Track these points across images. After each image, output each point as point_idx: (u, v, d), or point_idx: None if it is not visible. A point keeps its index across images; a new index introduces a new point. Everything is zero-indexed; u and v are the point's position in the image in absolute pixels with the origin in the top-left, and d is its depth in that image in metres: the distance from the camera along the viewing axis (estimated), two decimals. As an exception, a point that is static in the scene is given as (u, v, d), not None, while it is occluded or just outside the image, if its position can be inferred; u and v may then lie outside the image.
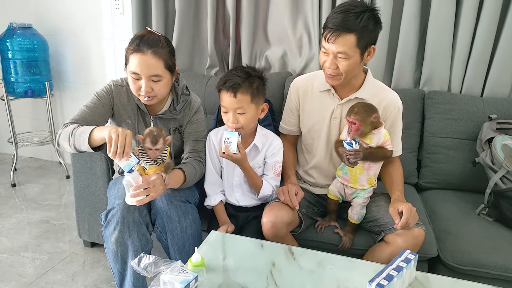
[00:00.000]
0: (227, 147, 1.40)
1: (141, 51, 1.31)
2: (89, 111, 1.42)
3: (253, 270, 1.15)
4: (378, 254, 1.38)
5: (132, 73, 1.34)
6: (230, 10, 2.22)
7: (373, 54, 1.40)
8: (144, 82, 1.33)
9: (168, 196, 1.38)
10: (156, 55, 1.32)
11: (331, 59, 1.36)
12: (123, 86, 1.48)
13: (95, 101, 1.44)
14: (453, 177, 1.87)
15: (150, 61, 1.32)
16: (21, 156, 3.16)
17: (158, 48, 1.33)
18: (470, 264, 1.40)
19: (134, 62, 1.33)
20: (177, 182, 1.39)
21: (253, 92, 1.40)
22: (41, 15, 2.72)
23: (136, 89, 1.37)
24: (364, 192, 1.44)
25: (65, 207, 2.43)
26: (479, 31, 1.91)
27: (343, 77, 1.38)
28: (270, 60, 2.30)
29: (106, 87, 1.48)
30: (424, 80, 2.06)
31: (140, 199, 1.23)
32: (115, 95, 1.47)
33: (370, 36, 1.34)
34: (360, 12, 1.30)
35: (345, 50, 1.31)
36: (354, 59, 1.34)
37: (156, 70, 1.33)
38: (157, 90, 1.36)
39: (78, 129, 1.32)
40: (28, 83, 2.60)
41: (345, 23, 1.29)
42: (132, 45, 1.34)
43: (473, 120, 1.85)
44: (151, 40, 1.33)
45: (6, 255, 1.92)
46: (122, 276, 1.37)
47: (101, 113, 1.44)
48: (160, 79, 1.35)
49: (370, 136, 1.37)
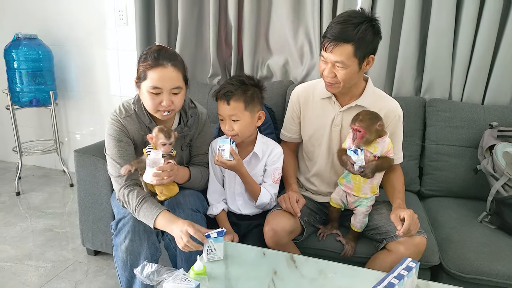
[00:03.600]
0: (221, 154, 1.42)
1: (162, 65, 1.31)
2: (119, 161, 1.38)
3: (255, 278, 1.16)
4: (380, 262, 1.38)
5: (153, 88, 1.31)
6: (232, 20, 2.25)
7: (372, 64, 1.41)
8: (166, 95, 1.33)
9: (180, 205, 1.41)
10: (176, 68, 1.34)
11: (330, 68, 1.38)
12: (130, 115, 1.42)
13: (118, 145, 1.39)
14: (455, 184, 1.88)
15: (171, 74, 1.33)
16: (26, 165, 3.18)
17: (176, 61, 1.35)
18: (473, 272, 1.40)
19: (155, 77, 1.31)
20: (183, 177, 1.44)
21: (246, 99, 1.42)
22: (46, 26, 2.77)
23: (155, 105, 1.34)
24: (367, 200, 1.45)
25: (68, 215, 2.45)
26: (479, 38, 1.93)
27: (342, 85, 1.40)
28: (272, 69, 2.32)
29: (115, 124, 1.40)
30: (425, 88, 2.07)
31: (160, 179, 1.28)
32: (128, 130, 1.41)
33: (368, 47, 1.36)
34: (358, 23, 1.32)
35: (342, 59, 1.34)
36: (352, 68, 1.36)
37: (177, 82, 1.35)
38: (176, 102, 1.36)
39: (141, 209, 1.31)
40: (33, 93, 2.63)
41: (342, 34, 1.31)
42: (149, 60, 1.32)
43: (474, 128, 1.85)
44: (168, 54, 1.35)
45: (10, 263, 1.94)
46: (130, 284, 1.38)
47: (129, 150, 1.41)
48: (180, 91, 1.36)
49: (374, 145, 1.38)
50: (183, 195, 1.45)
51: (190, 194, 1.47)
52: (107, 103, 2.82)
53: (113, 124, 1.40)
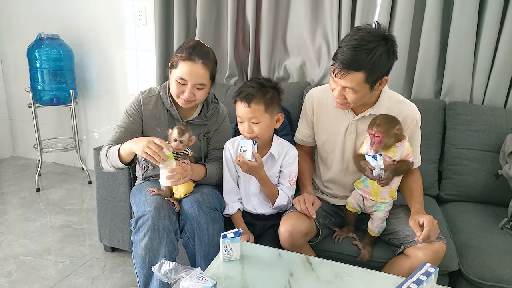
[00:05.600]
0: (242, 155, 1.42)
1: (193, 60, 1.42)
2: (121, 131, 1.54)
3: (271, 279, 1.16)
4: (397, 267, 1.36)
5: (180, 78, 1.44)
6: (250, 21, 2.25)
7: (386, 83, 1.37)
8: (189, 88, 1.44)
9: (199, 203, 1.43)
10: (205, 66, 1.44)
11: (339, 91, 1.34)
12: (151, 96, 1.57)
13: (126, 120, 1.55)
14: (475, 189, 1.84)
15: (199, 71, 1.43)
16: (45, 162, 3.26)
17: (207, 60, 1.44)
18: (493, 280, 1.36)
19: (183, 69, 1.43)
20: (198, 176, 1.51)
21: (266, 102, 1.43)
22: (68, 26, 2.83)
23: (178, 92, 1.47)
24: (385, 205, 1.43)
25: (86, 212, 2.50)
26: (502, 40, 1.88)
27: (352, 106, 1.39)
28: (289, 70, 2.31)
29: (134, 101, 1.56)
30: (445, 91, 2.03)
31: (174, 181, 1.39)
32: (144, 106, 1.55)
33: (381, 71, 1.29)
34: (372, 48, 1.24)
35: (352, 86, 1.29)
36: (363, 93, 1.32)
37: (202, 79, 1.45)
38: (198, 96, 1.48)
39: (110, 150, 1.47)
40: (54, 91, 2.69)
41: (353, 62, 1.25)
42: (184, 52, 1.43)
43: (495, 132, 1.81)
44: (202, 51, 1.45)
45: (31, 258, 1.98)
46: (147, 281, 1.39)
47: (132, 130, 1.54)
48: (203, 87, 1.47)
49: (393, 149, 1.35)
50: (202, 193, 1.48)
51: (209, 192, 1.50)
52: (125, 103, 2.83)
53: (133, 102, 1.56)
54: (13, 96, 3.23)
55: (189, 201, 1.44)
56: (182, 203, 1.47)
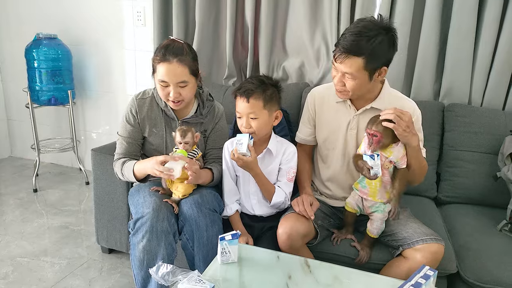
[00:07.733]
0: (238, 148, 1.42)
1: (168, 60, 1.42)
2: (126, 142, 1.56)
3: (269, 282, 1.15)
4: (395, 269, 1.36)
5: (160, 81, 1.45)
6: (249, 22, 2.25)
7: (385, 74, 1.39)
8: (172, 88, 1.44)
9: (198, 204, 1.42)
10: (182, 63, 1.43)
11: (339, 77, 1.38)
12: (145, 98, 1.58)
13: (127, 128, 1.57)
14: (473, 191, 1.83)
15: (176, 70, 1.42)
16: (43, 162, 3.24)
17: (182, 56, 1.43)
18: (491, 282, 1.36)
19: (161, 71, 1.43)
20: (204, 181, 1.51)
21: (265, 98, 1.44)
22: (66, 26, 2.82)
23: (165, 95, 1.48)
24: (385, 206, 1.43)
25: (84, 213, 2.48)
26: (501, 41, 1.88)
27: (351, 94, 1.40)
28: (288, 71, 2.31)
29: (129, 106, 1.58)
30: (443, 92, 2.03)
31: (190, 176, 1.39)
32: (138, 109, 1.56)
33: (380, 60, 1.33)
34: (373, 36, 1.28)
35: (351, 71, 1.33)
36: (361, 80, 1.35)
37: (182, 77, 1.44)
38: (184, 94, 1.47)
39: (125, 166, 1.52)
40: (51, 92, 2.68)
41: (354, 47, 1.29)
42: (159, 55, 1.44)
43: (494, 134, 1.81)
44: (176, 49, 1.43)
45: (27, 259, 1.97)
46: (145, 283, 1.39)
47: (135, 137, 1.57)
48: (186, 84, 1.46)
49: (390, 149, 1.36)
50: (201, 194, 1.47)
51: (208, 193, 1.49)
52: (123, 103, 2.85)
53: (127, 107, 1.57)
54: (10, 96, 3.21)
55: (189, 202, 1.44)
56: (181, 204, 1.47)
